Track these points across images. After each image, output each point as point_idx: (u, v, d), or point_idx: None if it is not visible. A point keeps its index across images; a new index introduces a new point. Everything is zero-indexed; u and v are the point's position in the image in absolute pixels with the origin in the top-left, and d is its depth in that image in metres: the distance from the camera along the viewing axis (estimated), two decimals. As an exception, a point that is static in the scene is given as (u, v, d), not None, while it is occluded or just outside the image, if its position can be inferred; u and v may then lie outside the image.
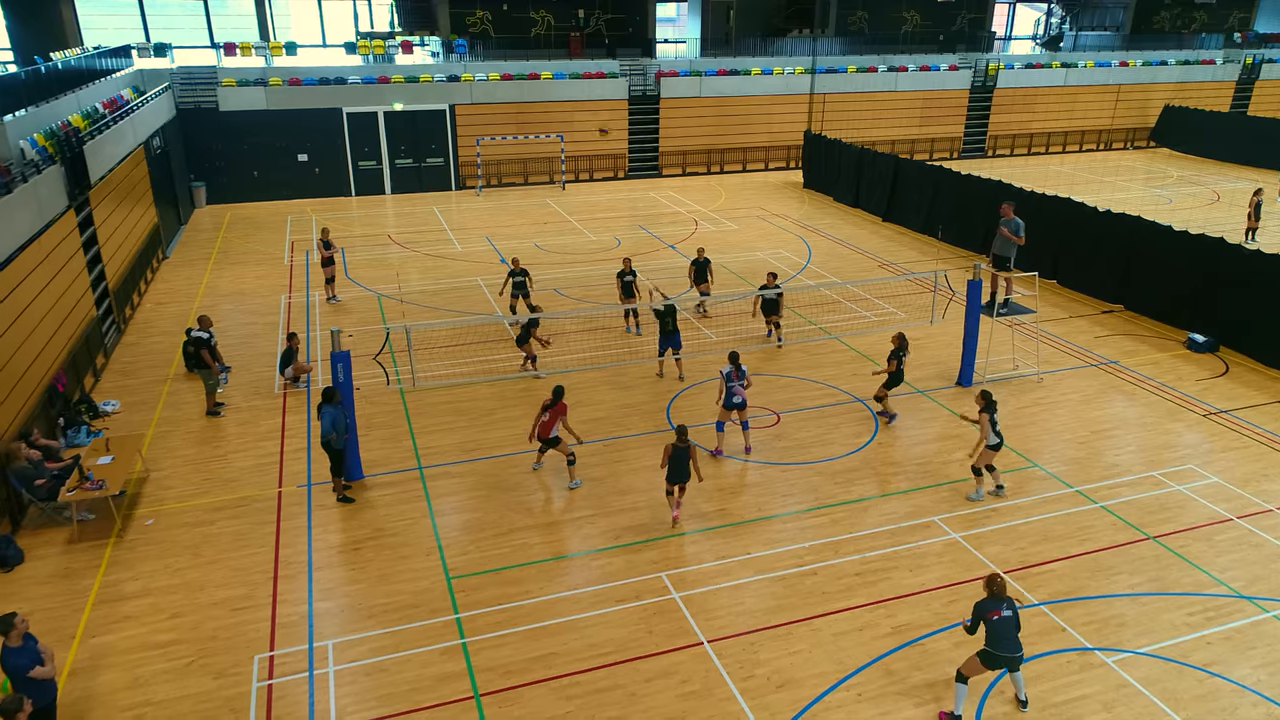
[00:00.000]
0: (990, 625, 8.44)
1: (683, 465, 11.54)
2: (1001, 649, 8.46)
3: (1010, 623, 8.44)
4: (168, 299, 21.42)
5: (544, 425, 12.69)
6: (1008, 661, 8.55)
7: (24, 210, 14.35)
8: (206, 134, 30.62)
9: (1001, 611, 8.43)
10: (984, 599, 8.56)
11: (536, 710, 8.90)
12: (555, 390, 12.65)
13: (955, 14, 43.99)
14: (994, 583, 8.52)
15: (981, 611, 8.49)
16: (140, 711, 8.88)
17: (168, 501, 12.68)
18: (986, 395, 12.21)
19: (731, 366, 13.42)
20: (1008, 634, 8.43)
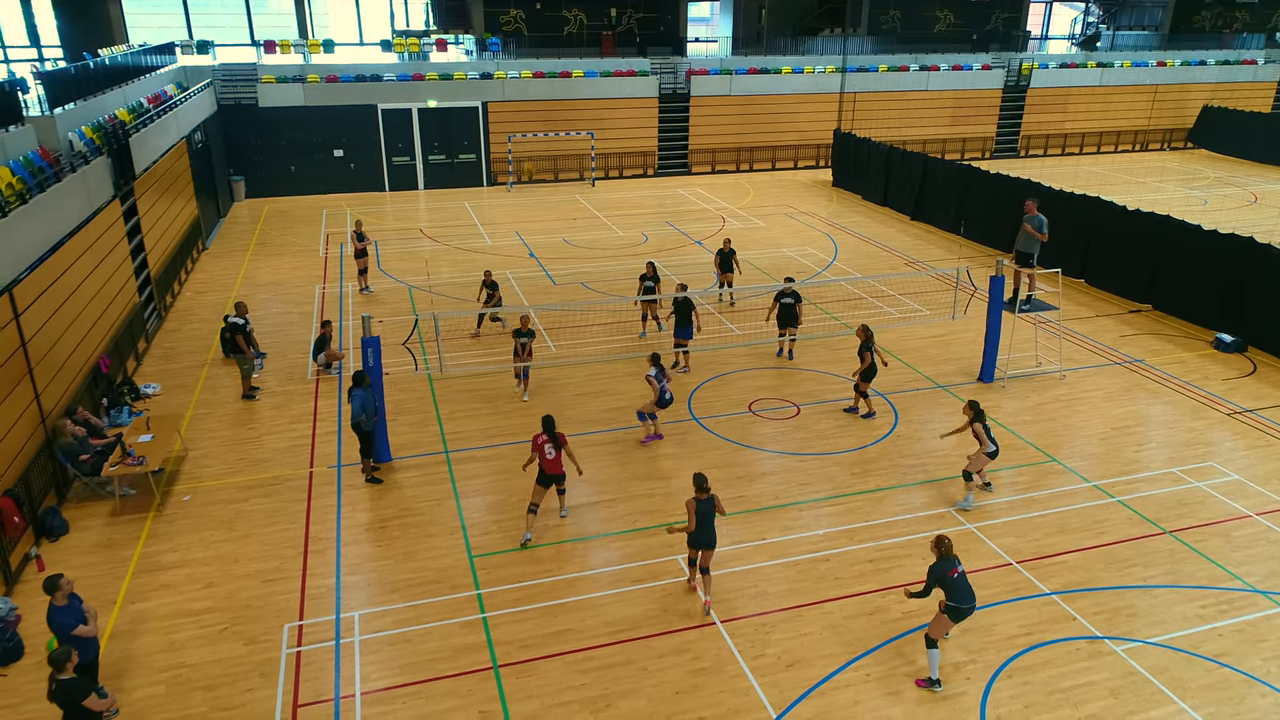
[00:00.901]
0: (950, 584, 8.86)
1: (710, 522, 9.92)
2: (966, 601, 8.89)
3: (964, 576, 8.95)
4: (207, 288, 22.06)
5: (552, 461, 11.40)
6: (969, 613, 8.97)
7: (73, 199, 14.94)
8: (246, 129, 31.38)
9: (957, 569, 8.89)
10: (937, 562, 8.93)
11: (552, 682, 9.20)
12: (547, 421, 11.42)
13: (989, 13, 43.71)
14: (943, 544, 8.96)
15: (939, 574, 8.88)
16: (176, 673, 9.31)
17: (204, 479, 13.17)
18: (974, 405, 12.04)
19: (656, 369, 13.62)
20: (966, 587, 8.91)
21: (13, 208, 12.70)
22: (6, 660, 9.40)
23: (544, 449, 11.34)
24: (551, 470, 11.44)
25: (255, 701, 8.93)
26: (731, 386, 16.28)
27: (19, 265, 12.27)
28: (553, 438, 11.35)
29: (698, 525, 9.88)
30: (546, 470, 11.42)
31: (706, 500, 9.94)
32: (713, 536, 10.00)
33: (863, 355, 14.48)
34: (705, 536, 9.96)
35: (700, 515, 9.88)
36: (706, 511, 9.92)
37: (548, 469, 11.41)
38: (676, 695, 9.02)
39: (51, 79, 18.33)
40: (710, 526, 9.94)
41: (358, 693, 9.04)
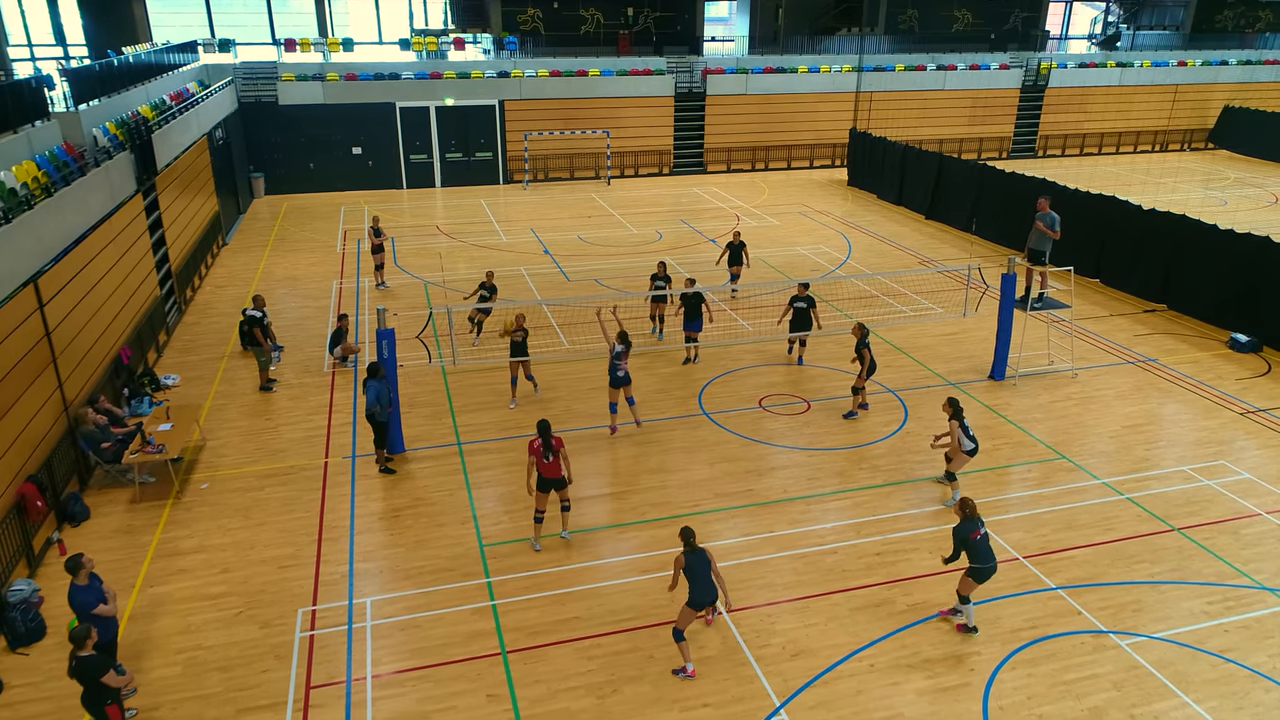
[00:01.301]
0: (973, 545, 9.23)
1: (705, 576, 8.91)
2: (988, 561, 9.39)
3: (987, 538, 9.42)
4: (226, 282, 22.38)
5: (550, 466, 10.90)
6: (991, 572, 9.46)
7: (96, 192, 15.25)
8: (266, 127, 31.77)
9: (980, 530, 9.34)
10: (961, 523, 9.28)
11: (559, 668, 9.34)
12: (542, 425, 10.90)
13: (1008, 13, 43.50)
14: (967, 505, 9.27)
15: (964, 535, 9.24)
16: (192, 654, 9.53)
17: (222, 468, 13.42)
18: (953, 402, 12.04)
19: (622, 347, 13.74)
20: (988, 548, 9.39)
21: (38, 201, 12.99)
22: (30, 640, 9.65)
23: (540, 454, 10.84)
24: (550, 475, 10.93)
25: (269, 682, 9.13)
26: (742, 382, 16.37)
27: (44, 257, 12.56)
28: (547, 443, 10.81)
29: (694, 583, 8.85)
30: (545, 475, 10.93)
31: (697, 555, 8.88)
32: (713, 592, 8.96)
33: (860, 354, 14.34)
34: (706, 594, 8.92)
35: (691, 572, 8.85)
36: (698, 567, 8.86)
37: (545, 474, 10.92)
38: (681, 682, 9.14)
39: (77, 76, 18.67)
40: (708, 582, 8.90)
41: (369, 675, 9.22)
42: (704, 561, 8.96)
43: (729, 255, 19.92)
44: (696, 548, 8.98)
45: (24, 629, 9.63)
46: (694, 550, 8.94)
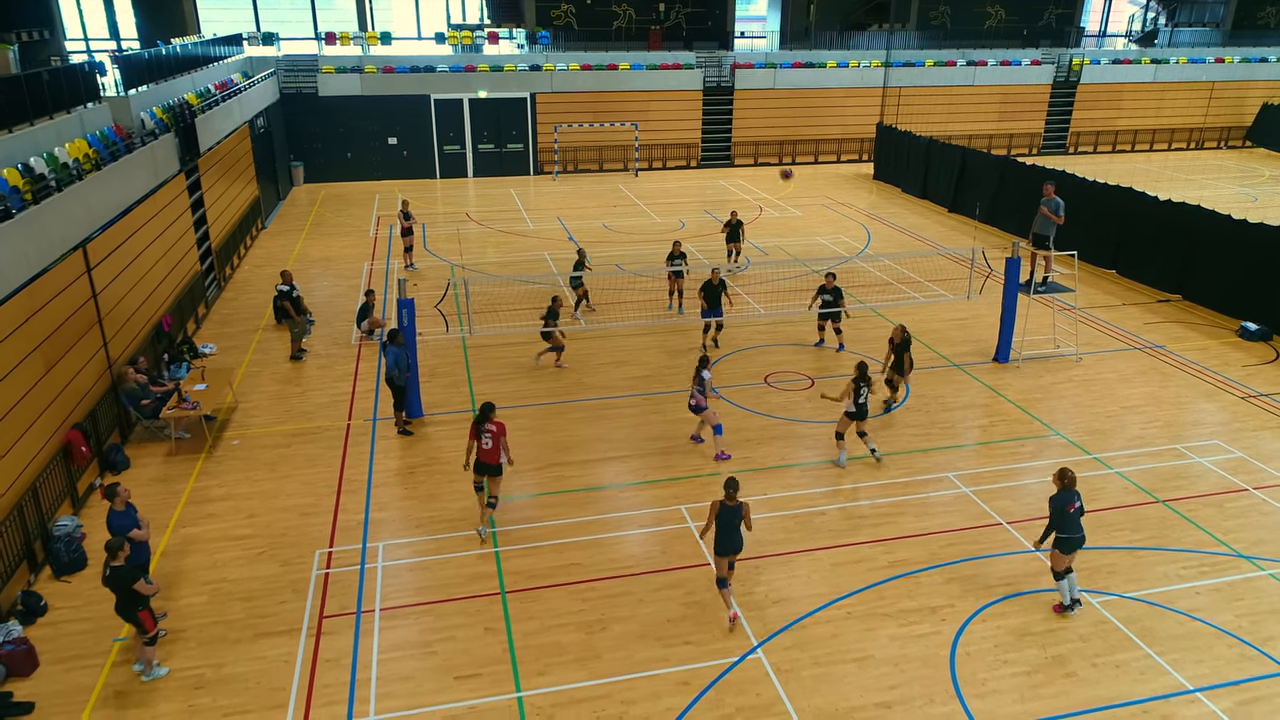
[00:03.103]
0: (1067, 518, 9.38)
1: (733, 529, 9.39)
2: (1077, 531, 9.43)
3: (1081, 511, 9.49)
4: (264, 262, 23.40)
5: (488, 452, 10.77)
6: (1080, 543, 9.47)
7: (142, 170, 16.24)
8: (306, 117, 32.89)
9: (1075, 503, 9.43)
10: (1059, 493, 9.42)
11: (554, 607, 9.99)
12: (485, 407, 10.87)
13: (1042, 9, 43.35)
14: (1065, 475, 9.42)
15: (1061, 505, 9.39)
16: (218, 586, 10.34)
17: (252, 427, 14.28)
18: (861, 366, 12.67)
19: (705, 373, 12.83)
20: (1078, 522, 9.45)
21: (88, 174, 13.96)
22: (72, 569, 10.53)
23: (480, 438, 10.77)
24: (484, 459, 10.83)
25: (286, 611, 9.91)
26: (750, 360, 16.91)
27: (92, 225, 13.51)
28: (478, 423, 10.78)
29: (720, 531, 9.34)
30: (479, 458, 10.86)
31: (734, 507, 9.31)
32: (738, 542, 9.46)
33: (901, 355, 14.30)
34: (731, 542, 9.42)
35: (722, 521, 9.32)
36: (729, 519, 9.32)
37: (480, 456, 10.84)
38: (668, 623, 9.73)
39: (127, 63, 19.74)
40: (735, 532, 9.39)
41: (377, 608, 9.95)
42: (735, 514, 9.33)
43: (728, 233, 21.49)
44: (734, 501, 9.30)
45: (67, 559, 10.52)
46: (730, 501, 9.29)
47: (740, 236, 21.49)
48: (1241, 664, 9.14)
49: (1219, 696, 8.71)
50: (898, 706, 8.59)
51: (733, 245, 21.59)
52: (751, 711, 8.53)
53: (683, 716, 8.47)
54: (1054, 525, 9.49)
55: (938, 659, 9.20)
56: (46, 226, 11.93)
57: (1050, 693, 8.76)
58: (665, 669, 9.06)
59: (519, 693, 8.76)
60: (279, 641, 9.44)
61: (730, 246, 21.68)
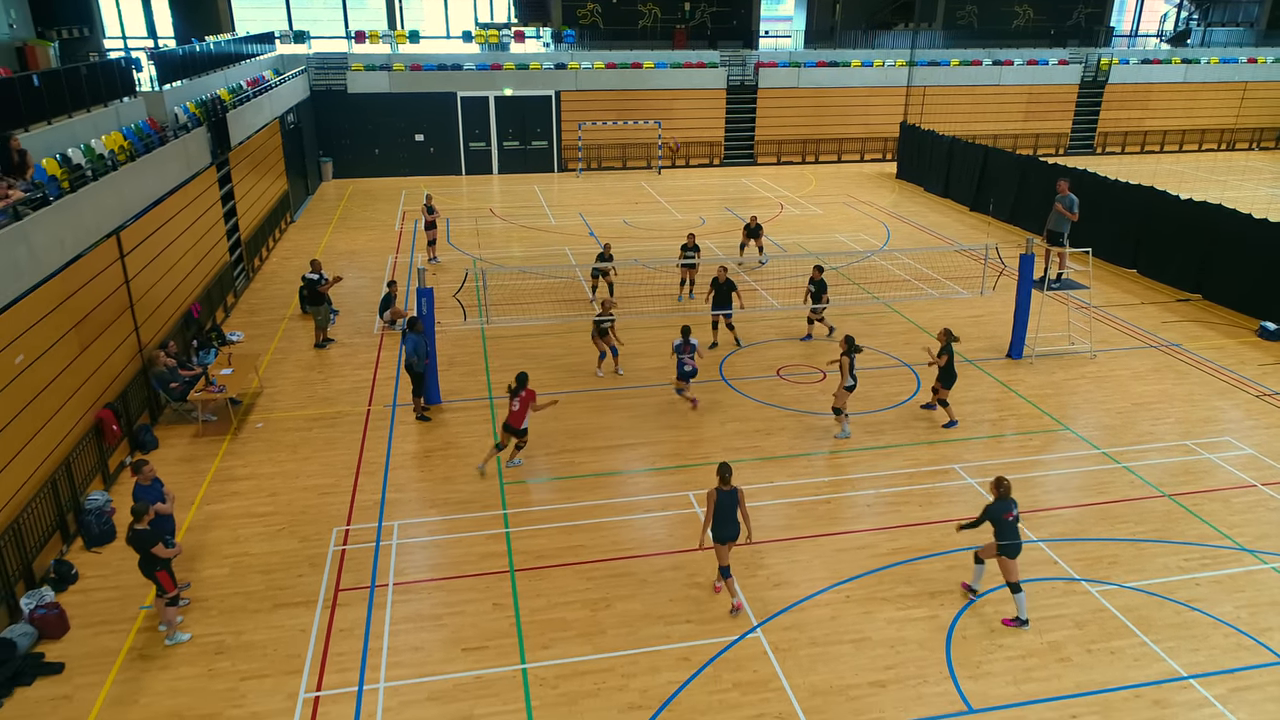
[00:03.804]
0: (1004, 526, 9.37)
1: (732, 515, 9.55)
2: (1016, 538, 9.42)
3: (1018, 520, 9.49)
4: (291, 255, 23.96)
5: (515, 415, 12.30)
6: (1016, 552, 9.41)
7: (174, 161, 16.78)
8: (335, 114, 33.51)
9: (1013, 512, 9.42)
10: (995, 502, 9.43)
11: (560, 585, 10.29)
12: (520, 377, 12.35)
13: (1071, 8, 43.04)
14: (1002, 484, 9.46)
15: (996, 514, 9.40)
16: (239, 559, 10.76)
17: (276, 411, 14.74)
18: (849, 340, 13.22)
19: (682, 339, 14.19)
20: (1015, 531, 9.44)
21: (123, 165, 14.48)
22: (102, 541, 11.01)
23: (511, 402, 12.30)
24: (510, 421, 12.38)
25: (304, 584, 10.29)
26: (764, 354, 17.12)
27: (126, 213, 14.03)
28: (515, 390, 12.30)
29: (718, 518, 9.50)
30: (508, 420, 12.41)
31: (729, 493, 9.50)
32: (735, 529, 9.60)
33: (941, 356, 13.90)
34: (727, 530, 9.58)
35: (720, 507, 9.49)
36: (727, 504, 9.51)
37: (509, 420, 12.38)
38: (669, 602, 10.00)
39: (162, 59, 20.35)
40: (732, 519, 9.55)
41: (390, 583, 10.31)
42: (733, 499, 9.53)
43: (746, 233, 21.87)
44: (728, 487, 9.50)
45: (97, 531, 10.99)
46: (725, 487, 9.50)
47: (760, 235, 21.84)
48: (1237, 653, 9.23)
49: (1212, 684, 8.82)
50: (891, 686, 8.79)
51: (751, 241, 21.88)
52: (748, 687, 8.77)
53: (681, 690, 8.73)
54: (981, 522, 9.52)
55: (934, 642, 9.39)
56: (82, 214, 12.43)
57: (1043, 676, 8.91)
58: (666, 645, 9.33)
59: (524, 664, 9.06)
60: (296, 612, 9.83)
61: (747, 241, 21.99)
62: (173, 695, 8.66)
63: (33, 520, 10.24)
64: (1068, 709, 8.51)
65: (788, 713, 8.45)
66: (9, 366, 10.11)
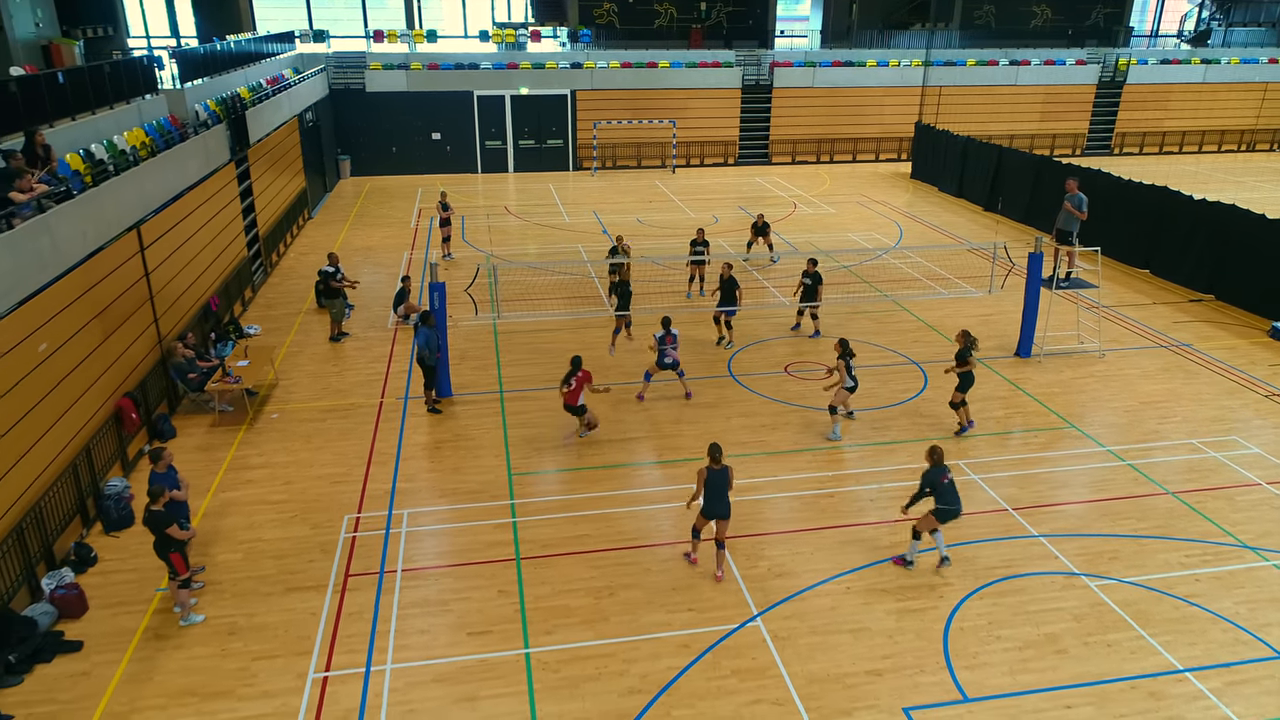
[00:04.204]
0: (941, 489, 10.05)
1: (722, 493, 10.01)
2: (952, 503, 10.18)
3: (954, 483, 10.25)
4: (309, 250, 24.30)
5: (570, 394, 13.10)
6: (955, 515, 10.24)
7: (194, 158, 17.11)
8: (353, 112, 33.89)
9: (948, 475, 10.20)
10: (931, 469, 10.15)
11: (564, 573, 10.48)
12: (574, 360, 13.06)
13: (1090, 8, 42.83)
14: (936, 452, 10.16)
15: (932, 479, 10.07)
16: (252, 545, 11.03)
17: (291, 403, 15.02)
18: (843, 343, 13.43)
19: (664, 331, 14.43)
20: (953, 492, 10.20)
21: (144, 160, 14.81)
22: (120, 527, 11.31)
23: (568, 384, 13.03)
24: (567, 401, 13.19)
25: (315, 569, 10.54)
26: (771, 351, 17.25)
27: (146, 207, 14.35)
28: (567, 375, 13.03)
29: (709, 496, 9.94)
30: (566, 401, 13.20)
31: (719, 471, 9.94)
32: (726, 508, 10.01)
33: (962, 360, 13.41)
34: (718, 507, 9.99)
35: (711, 485, 9.93)
36: (718, 482, 9.93)
37: (566, 399, 13.18)
38: (672, 591, 10.17)
39: (184, 57, 20.71)
40: (723, 498, 9.96)
41: (399, 569, 10.55)
42: (723, 477, 10.00)
43: (754, 231, 21.98)
44: (719, 466, 9.99)
45: (116, 516, 11.30)
46: (715, 466, 9.98)
47: (768, 234, 21.94)
48: (1235, 648, 9.29)
49: (1208, 677, 8.89)
50: (888, 674, 8.92)
51: (759, 239, 21.96)
52: (746, 673, 8.92)
53: (680, 675, 8.90)
54: (921, 495, 10.21)
55: (931, 633, 9.50)
56: (104, 207, 12.75)
57: (1039, 667, 9.02)
58: (667, 632, 9.50)
59: (527, 649, 9.26)
60: (307, 596, 10.07)
61: (755, 239, 22.04)
62: (186, 674, 8.92)
63: (54, 504, 10.54)
64: (1062, 699, 8.61)
65: (784, 699, 8.60)
66: (33, 354, 10.42)
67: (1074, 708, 8.51)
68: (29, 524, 9.97)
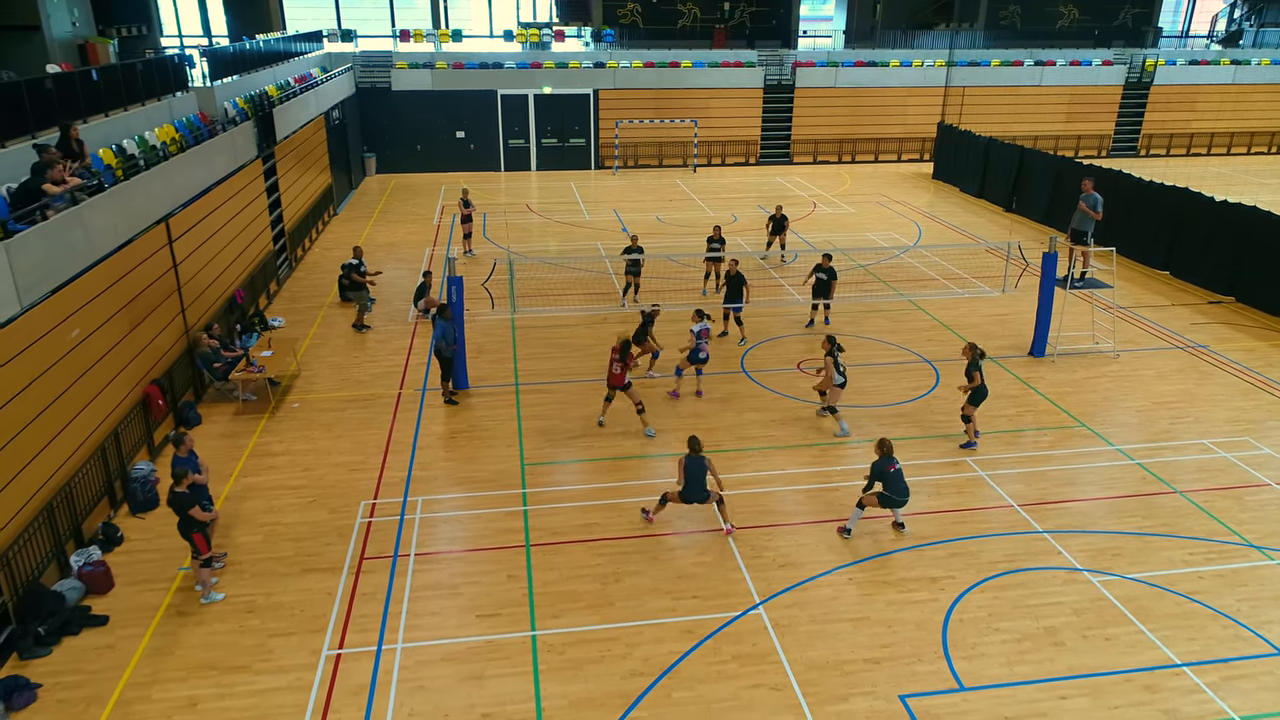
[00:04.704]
0: (888, 478, 10.82)
1: (700, 479, 10.75)
2: (897, 493, 10.88)
3: (900, 473, 10.87)
4: (333, 246, 24.76)
5: (616, 376, 13.55)
6: (900, 503, 10.98)
7: (221, 154, 17.56)
8: (379, 110, 34.40)
9: (894, 465, 10.82)
10: (879, 459, 10.82)
11: (572, 560, 10.74)
12: (624, 344, 13.47)
13: (1118, 9, 42.46)
14: (884, 445, 10.86)
15: (880, 469, 10.83)
16: (272, 528, 11.39)
17: (312, 393, 15.40)
18: (831, 339, 13.66)
19: (703, 324, 14.64)
20: (900, 482, 10.85)
21: (173, 155, 15.26)
22: (146, 508, 11.72)
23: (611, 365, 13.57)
24: (611, 381, 13.64)
25: (331, 552, 10.87)
26: (785, 348, 17.40)
27: (175, 201, 14.79)
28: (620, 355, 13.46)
29: (688, 482, 10.71)
30: (610, 380, 13.65)
31: (697, 459, 10.72)
32: (705, 494, 10.82)
33: (971, 375, 13.09)
34: (696, 494, 10.80)
35: (689, 472, 10.71)
36: (696, 470, 10.70)
37: (610, 380, 13.64)
38: (677, 579, 10.39)
39: (214, 56, 21.24)
40: (701, 484, 10.75)
41: (412, 553, 10.85)
42: (701, 466, 10.68)
43: (772, 226, 22.03)
44: (699, 454, 10.79)
45: (142, 498, 11.70)
46: (695, 455, 10.79)
47: (784, 230, 21.98)
48: (1234, 644, 9.35)
49: (1205, 672, 8.96)
50: (885, 663, 9.08)
51: (775, 238, 22.08)
52: (746, 659, 9.12)
53: (682, 659, 9.11)
54: (872, 483, 10.90)
55: (931, 624, 9.64)
56: (134, 200, 13.18)
57: (1036, 659, 9.13)
58: (671, 618, 9.71)
59: (534, 631, 9.52)
60: (323, 577, 10.40)
61: (772, 239, 22.17)
62: (206, 648, 9.27)
63: (83, 485, 10.95)
64: (1057, 690, 8.72)
65: (783, 684, 8.79)
66: (65, 340, 10.83)
67: (1069, 698, 8.62)
68: (59, 504, 10.38)
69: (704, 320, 14.81)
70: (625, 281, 19.61)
